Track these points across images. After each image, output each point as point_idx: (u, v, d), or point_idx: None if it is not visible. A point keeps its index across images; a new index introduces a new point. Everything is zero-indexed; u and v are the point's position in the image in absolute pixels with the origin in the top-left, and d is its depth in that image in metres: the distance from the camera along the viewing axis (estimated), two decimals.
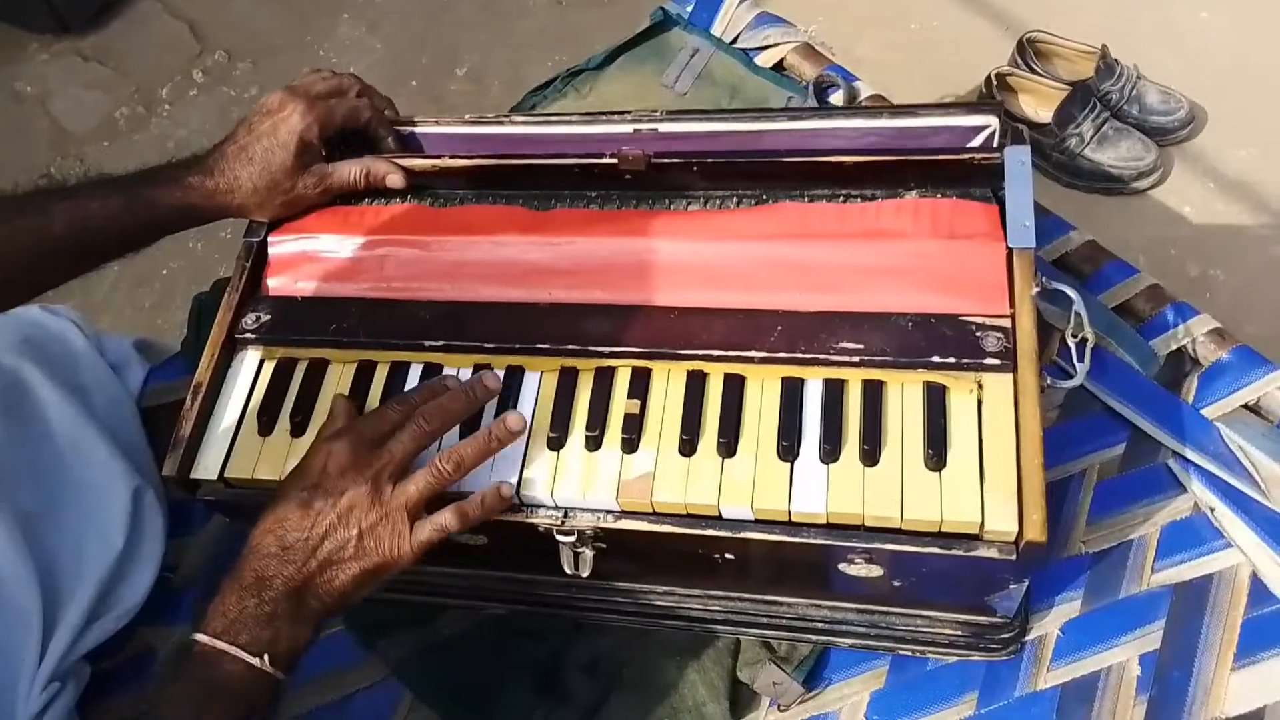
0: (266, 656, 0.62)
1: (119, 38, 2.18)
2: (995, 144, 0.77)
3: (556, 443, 0.73)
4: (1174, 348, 0.91)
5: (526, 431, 0.73)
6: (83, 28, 2.17)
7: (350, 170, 0.85)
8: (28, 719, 0.82)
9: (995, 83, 1.61)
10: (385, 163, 0.85)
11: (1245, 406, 0.88)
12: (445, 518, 0.69)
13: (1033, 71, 1.61)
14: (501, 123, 0.88)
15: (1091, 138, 1.53)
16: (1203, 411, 0.88)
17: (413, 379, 0.77)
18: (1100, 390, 0.90)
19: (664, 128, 0.83)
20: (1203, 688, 0.77)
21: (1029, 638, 0.82)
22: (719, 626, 0.84)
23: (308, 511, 0.67)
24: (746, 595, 0.81)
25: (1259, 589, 0.80)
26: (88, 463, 0.93)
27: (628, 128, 0.84)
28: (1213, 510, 0.84)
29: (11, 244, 0.76)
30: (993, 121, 0.77)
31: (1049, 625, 0.82)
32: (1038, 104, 1.61)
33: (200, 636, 0.63)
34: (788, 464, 0.69)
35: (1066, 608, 0.82)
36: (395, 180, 0.85)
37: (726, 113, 0.84)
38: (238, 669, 0.62)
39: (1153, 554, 0.83)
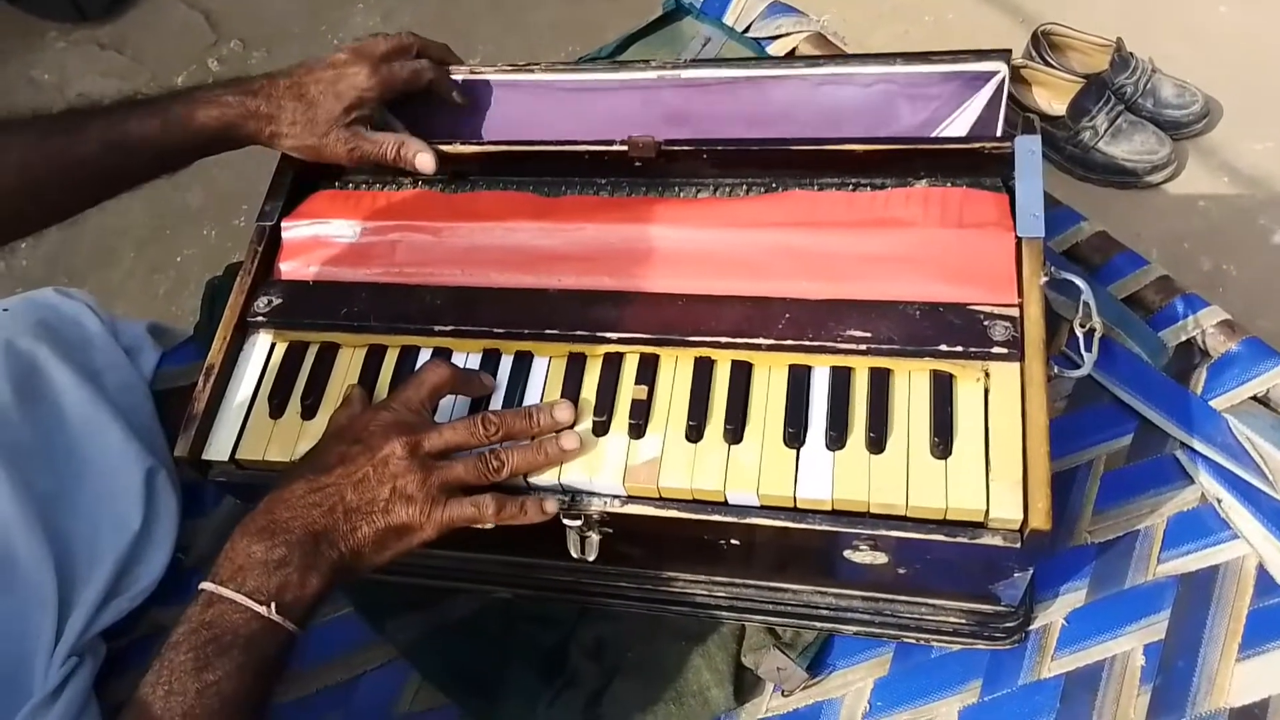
0: (274, 605, 0.61)
1: (136, 26, 2.19)
2: (1004, 98, 0.78)
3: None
4: (1183, 339, 0.91)
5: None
6: (100, 16, 2.19)
7: (385, 141, 0.84)
8: (46, 694, 0.83)
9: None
10: (419, 142, 0.84)
11: (1254, 398, 0.87)
12: (484, 500, 0.69)
13: (1047, 64, 1.60)
14: (532, 70, 0.89)
15: (1105, 131, 1.52)
16: (1211, 403, 0.88)
17: (422, 363, 0.78)
18: (1109, 381, 0.90)
19: (686, 74, 0.84)
20: (1207, 678, 0.78)
21: (1033, 626, 0.82)
22: (724, 612, 0.84)
23: (345, 459, 0.67)
24: (752, 581, 0.81)
25: (1265, 580, 0.80)
26: (101, 445, 0.95)
27: (652, 74, 0.85)
28: (1220, 501, 0.84)
29: (45, 161, 0.76)
30: (1001, 67, 0.78)
31: (1054, 614, 0.82)
32: (1052, 96, 1.60)
33: (206, 585, 0.62)
34: (794, 450, 0.69)
35: (1071, 597, 0.83)
36: (425, 160, 0.84)
37: (746, 60, 0.84)
38: (244, 617, 0.61)
39: (1159, 544, 0.83)
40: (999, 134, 0.78)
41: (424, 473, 0.67)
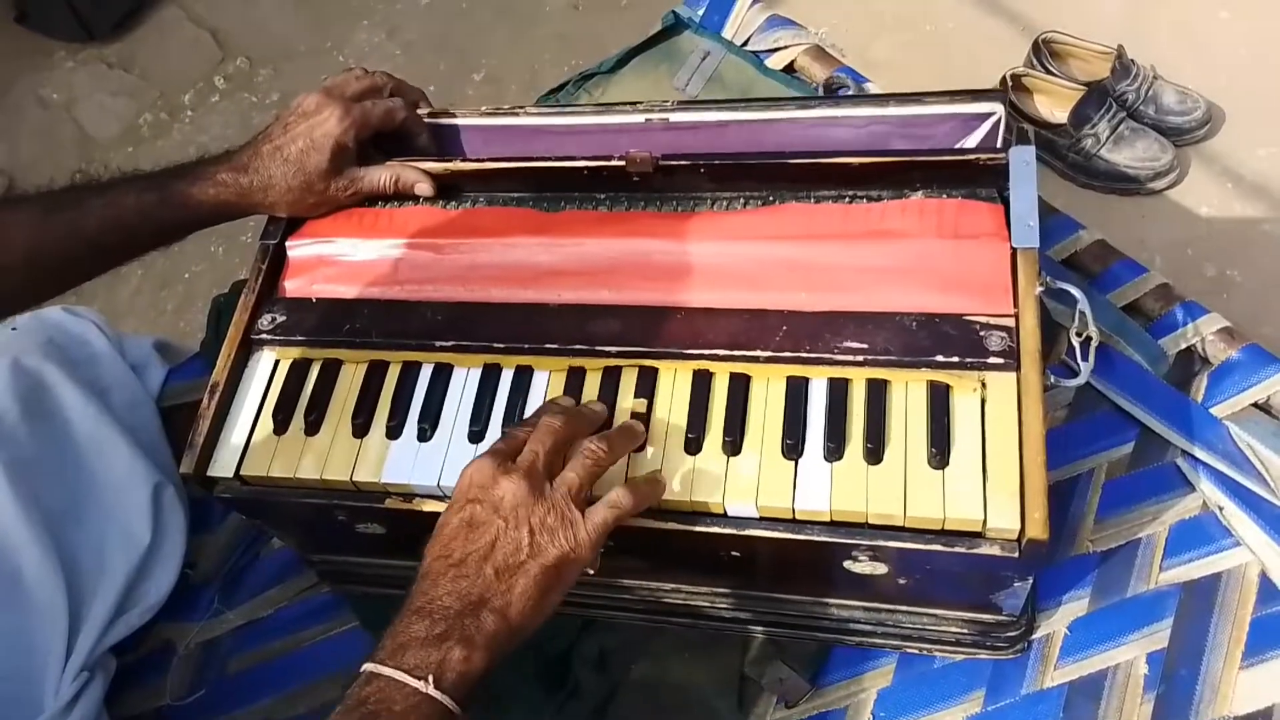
0: (432, 679, 0.58)
1: (143, 45, 2.21)
2: (1001, 133, 0.78)
3: None
4: (1183, 346, 0.91)
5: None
6: (108, 36, 2.21)
7: (380, 176, 0.86)
8: (58, 709, 0.84)
9: (1010, 84, 1.61)
10: (414, 170, 0.86)
11: (1255, 405, 0.87)
12: (617, 494, 0.66)
13: (1048, 72, 1.60)
14: (516, 114, 0.90)
15: (1107, 138, 1.52)
16: (1212, 410, 0.88)
17: (423, 379, 0.79)
18: (1109, 389, 0.90)
19: (675, 117, 0.84)
20: (1210, 686, 0.77)
21: (1036, 636, 0.82)
22: (726, 623, 0.85)
23: (471, 525, 0.64)
24: (753, 593, 0.81)
25: (1268, 588, 0.80)
26: (109, 462, 0.96)
27: (639, 118, 0.85)
28: (1221, 509, 0.84)
29: (47, 238, 0.78)
30: (998, 109, 0.78)
31: (1056, 624, 0.82)
32: (1053, 105, 1.60)
33: (367, 665, 0.59)
34: (792, 462, 0.69)
35: (1074, 606, 0.83)
36: (424, 189, 0.86)
37: (736, 102, 0.85)
38: (402, 693, 0.57)
39: (1161, 553, 0.83)
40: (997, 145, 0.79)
41: (550, 496, 0.64)
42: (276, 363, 0.83)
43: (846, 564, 0.71)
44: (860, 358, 0.71)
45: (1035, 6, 1.77)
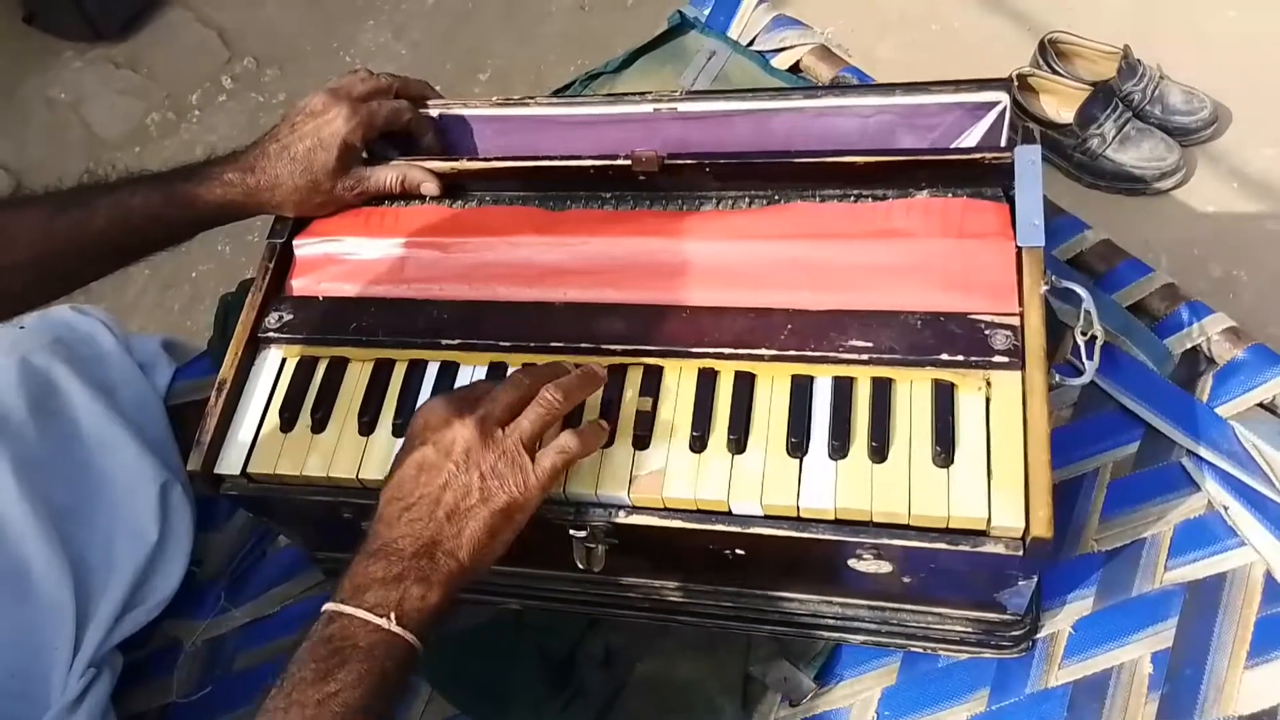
0: (393, 615, 0.61)
1: (150, 45, 2.22)
2: (1006, 123, 0.78)
3: None
4: (1189, 346, 0.91)
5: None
6: (115, 35, 2.22)
7: (387, 176, 0.86)
8: (65, 705, 0.84)
9: (1016, 83, 1.61)
10: (420, 170, 0.86)
11: (1260, 405, 0.87)
12: (564, 439, 0.68)
13: (1054, 72, 1.60)
14: (526, 104, 0.90)
15: (1113, 138, 1.52)
16: (1217, 410, 0.87)
17: (429, 377, 0.79)
18: (1114, 388, 0.90)
19: (683, 107, 0.85)
20: (1215, 686, 0.77)
21: (1040, 635, 0.82)
22: (731, 622, 0.85)
23: (423, 468, 0.66)
24: (758, 591, 0.82)
25: (1272, 587, 0.80)
26: (116, 460, 0.96)
27: (648, 108, 0.86)
28: (1226, 509, 0.83)
29: (54, 238, 0.79)
30: (1003, 98, 0.78)
31: (1061, 623, 0.82)
32: (1059, 104, 1.60)
33: (328, 605, 0.62)
34: (797, 460, 0.70)
35: (1078, 605, 0.82)
36: (430, 188, 0.87)
37: (744, 92, 0.85)
38: (364, 630, 0.61)
39: (1165, 552, 0.83)
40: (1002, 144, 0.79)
41: (501, 443, 0.66)
42: (283, 361, 0.83)
43: (851, 562, 0.71)
44: (865, 356, 0.71)
45: (1041, 6, 1.77)
